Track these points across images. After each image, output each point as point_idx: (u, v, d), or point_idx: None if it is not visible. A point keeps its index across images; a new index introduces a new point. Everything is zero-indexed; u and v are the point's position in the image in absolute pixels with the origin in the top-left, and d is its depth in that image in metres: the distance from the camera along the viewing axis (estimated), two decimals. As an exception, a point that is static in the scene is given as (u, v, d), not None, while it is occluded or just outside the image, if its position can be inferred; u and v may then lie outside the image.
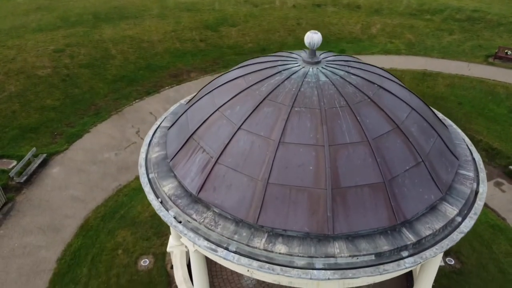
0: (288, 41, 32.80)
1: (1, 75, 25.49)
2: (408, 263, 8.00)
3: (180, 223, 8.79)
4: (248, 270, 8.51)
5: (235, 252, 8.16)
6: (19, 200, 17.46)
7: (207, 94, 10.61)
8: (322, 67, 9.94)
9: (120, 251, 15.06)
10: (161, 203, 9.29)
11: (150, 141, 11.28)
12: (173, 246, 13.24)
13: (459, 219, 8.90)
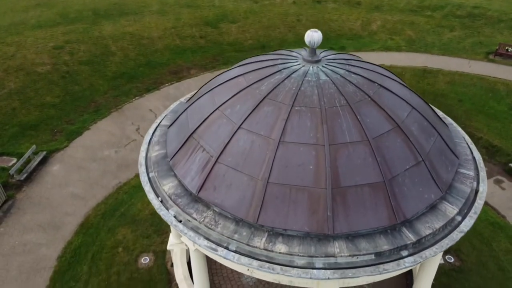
0: (288, 37, 32.72)
1: (0, 72, 25.41)
2: (408, 262, 8.01)
3: (180, 222, 8.80)
4: (248, 269, 8.53)
5: (235, 252, 8.17)
6: (19, 198, 17.47)
7: (207, 92, 10.59)
8: (323, 65, 9.91)
9: (120, 249, 15.08)
10: (161, 202, 9.30)
11: (150, 139, 11.28)
12: (173, 244, 13.23)
13: (459, 218, 8.91)
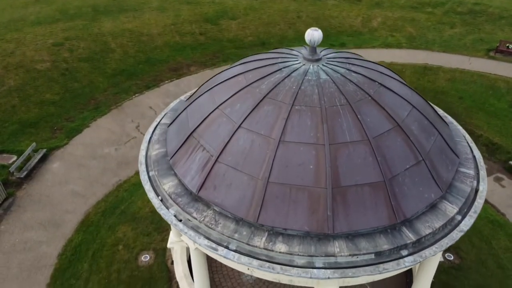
0: (288, 34, 32.63)
1: (0, 69, 25.38)
2: (407, 262, 8.03)
3: (181, 221, 8.80)
4: (249, 268, 8.55)
5: (235, 251, 8.18)
6: (20, 196, 17.48)
7: (207, 91, 10.57)
8: (323, 64, 9.88)
9: (120, 247, 15.11)
10: (161, 201, 9.30)
11: (150, 138, 11.26)
12: (173, 242, 13.22)
13: (459, 217, 8.91)
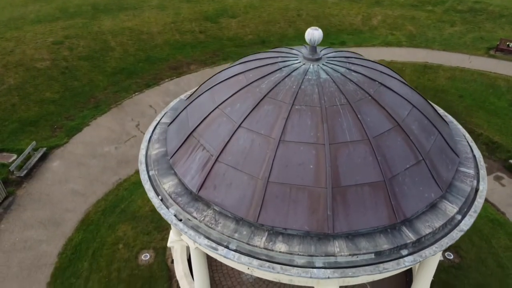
0: (289, 32, 32.56)
1: (0, 67, 25.37)
2: (407, 261, 8.04)
3: (181, 221, 8.80)
4: (249, 268, 8.55)
5: (235, 251, 8.19)
6: (20, 194, 17.49)
7: (207, 90, 10.56)
8: (323, 64, 9.87)
9: (120, 246, 15.12)
10: (162, 200, 9.30)
11: (150, 137, 11.26)
12: (173, 241, 13.24)
13: (458, 217, 8.92)
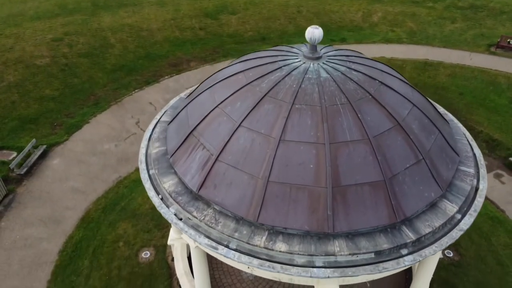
0: (289, 29, 32.42)
1: (-1, 64, 25.36)
2: (407, 261, 8.05)
3: (181, 220, 8.81)
4: (249, 267, 8.57)
5: (235, 250, 8.20)
6: (20, 192, 17.51)
7: (207, 89, 10.54)
8: (323, 62, 9.84)
9: (121, 243, 15.15)
10: (162, 200, 9.31)
11: (150, 136, 11.25)
12: (174, 239, 13.25)
13: (458, 216, 8.92)
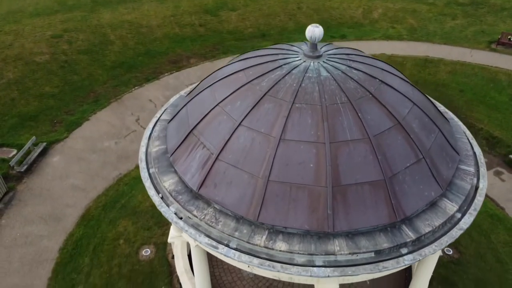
0: (289, 26, 32.33)
1: (-1, 61, 25.31)
2: (407, 260, 8.06)
3: (181, 219, 8.82)
4: (249, 266, 8.58)
5: (235, 249, 8.21)
6: (20, 189, 17.52)
7: (207, 87, 10.51)
8: (324, 61, 9.82)
9: (121, 241, 15.18)
10: (162, 198, 9.31)
11: (150, 134, 11.24)
12: (174, 237, 13.28)
13: (458, 215, 8.93)
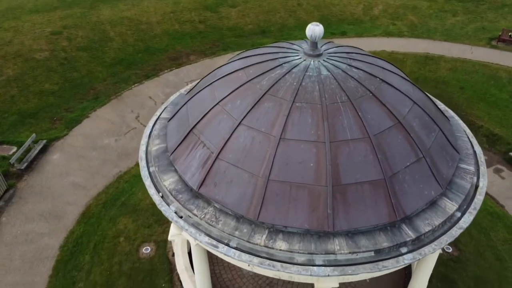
0: (289, 22, 32.22)
1: (-2, 58, 25.24)
2: (407, 259, 8.09)
3: (181, 218, 8.84)
4: (249, 265, 8.61)
5: (236, 248, 8.24)
6: (21, 187, 17.53)
7: (207, 86, 10.50)
8: (324, 60, 9.80)
9: (122, 239, 15.21)
10: (162, 197, 9.33)
11: (150, 133, 11.24)
12: (174, 234, 13.31)
13: (458, 214, 8.95)
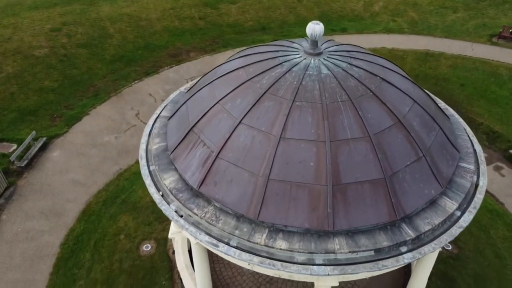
0: (289, 19, 32.13)
1: (-2, 55, 25.18)
2: (407, 258, 8.10)
3: (182, 217, 8.85)
4: (249, 264, 8.62)
5: (236, 248, 8.26)
6: (21, 185, 17.55)
7: (207, 84, 10.49)
8: (324, 58, 9.78)
9: (122, 236, 15.25)
10: (162, 196, 9.33)
11: (150, 131, 11.23)
12: (174, 232, 13.34)
13: (458, 213, 8.95)
